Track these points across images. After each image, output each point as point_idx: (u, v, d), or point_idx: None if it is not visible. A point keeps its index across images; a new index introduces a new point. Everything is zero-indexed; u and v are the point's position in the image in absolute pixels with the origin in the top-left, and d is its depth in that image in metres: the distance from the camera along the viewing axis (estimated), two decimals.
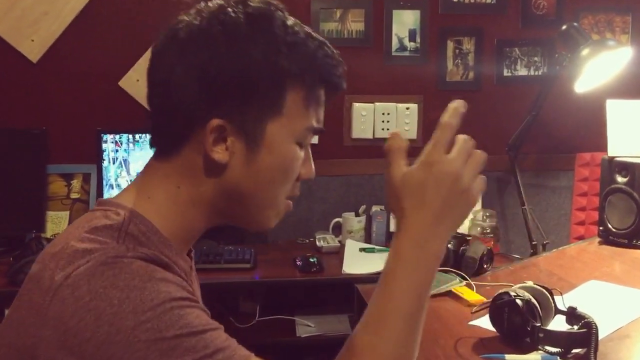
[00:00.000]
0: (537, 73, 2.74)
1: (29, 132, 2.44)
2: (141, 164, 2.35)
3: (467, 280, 1.59)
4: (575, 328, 1.19)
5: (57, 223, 2.47)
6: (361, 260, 2.32)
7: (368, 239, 2.56)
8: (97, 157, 2.41)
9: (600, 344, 1.15)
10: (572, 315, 1.20)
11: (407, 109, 2.68)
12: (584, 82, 2.20)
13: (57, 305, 0.72)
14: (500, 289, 1.27)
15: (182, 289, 0.76)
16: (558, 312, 1.25)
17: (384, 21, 2.64)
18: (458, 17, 2.69)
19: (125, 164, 2.42)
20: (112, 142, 2.41)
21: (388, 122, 2.67)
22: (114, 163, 2.41)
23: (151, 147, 0.89)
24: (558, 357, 1.15)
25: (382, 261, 2.64)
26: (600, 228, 1.89)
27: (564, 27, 2.23)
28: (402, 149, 0.83)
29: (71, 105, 2.52)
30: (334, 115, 2.62)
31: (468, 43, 2.70)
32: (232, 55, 0.81)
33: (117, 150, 2.41)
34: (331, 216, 2.61)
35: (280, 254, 2.42)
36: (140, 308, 0.71)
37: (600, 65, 2.14)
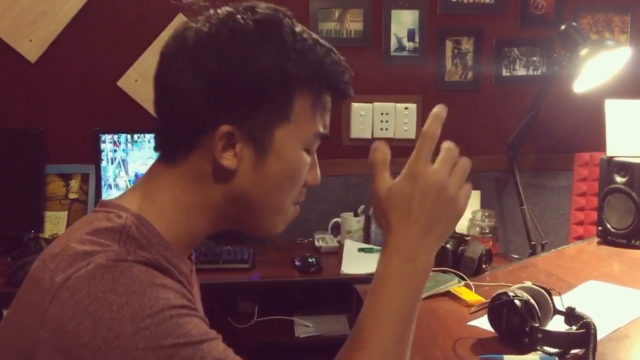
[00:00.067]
0: (535, 73, 2.74)
1: (27, 132, 2.44)
2: (140, 164, 2.39)
3: (465, 280, 1.59)
4: (573, 328, 1.18)
5: (56, 223, 2.47)
6: (360, 261, 2.32)
7: (367, 239, 2.55)
8: (95, 157, 2.41)
9: (599, 345, 1.15)
10: (571, 315, 1.20)
11: (406, 108, 2.68)
12: (582, 82, 2.20)
13: (56, 308, 0.72)
14: (499, 289, 1.27)
15: (181, 296, 0.76)
16: (557, 312, 1.25)
17: (382, 21, 2.64)
18: (457, 17, 2.69)
19: (123, 164, 2.41)
20: (111, 142, 2.40)
21: (387, 122, 2.67)
22: (112, 163, 2.41)
23: (156, 151, 0.89)
24: (556, 358, 1.15)
25: None
26: (599, 228, 1.89)
27: (562, 27, 2.23)
28: (386, 161, 0.84)
29: (69, 105, 2.52)
30: (333, 115, 2.59)
31: (467, 43, 2.70)
32: (242, 61, 0.81)
33: (115, 150, 2.41)
34: (330, 216, 2.61)
35: (279, 254, 2.42)
36: (139, 315, 0.70)
37: (599, 65, 2.14)
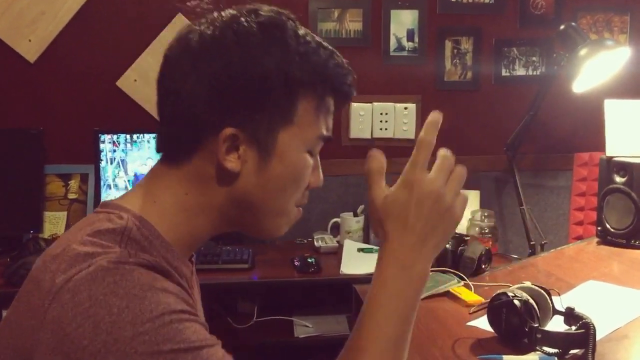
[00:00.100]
0: (535, 73, 2.73)
1: (26, 132, 2.44)
2: (139, 164, 2.39)
3: (465, 280, 1.59)
4: (573, 329, 1.18)
5: (55, 223, 2.47)
6: (359, 261, 2.32)
7: (366, 239, 2.55)
8: (94, 157, 2.41)
9: (598, 345, 1.15)
10: (570, 315, 1.20)
11: (406, 108, 2.68)
12: (582, 82, 2.20)
13: (56, 309, 0.72)
14: (498, 290, 1.27)
15: (182, 300, 0.76)
16: (556, 312, 1.25)
17: (382, 21, 2.64)
18: (456, 16, 2.69)
19: (122, 164, 2.41)
20: (110, 142, 2.40)
21: (386, 122, 2.67)
22: (111, 163, 2.41)
23: (158, 152, 0.89)
24: (556, 358, 1.15)
25: None
26: (599, 228, 1.89)
27: (562, 27, 2.23)
28: (382, 169, 0.84)
29: (69, 105, 2.52)
30: (333, 116, 2.60)
31: (466, 43, 2.70)
32: (245, 64, 0.81)
33: (114, 151, 2.41)
34: (329, 216, 2.60)
35: (278, 254, 2.41)
36: (139, 319, 0.70)
37: (599, 65, 2.14)
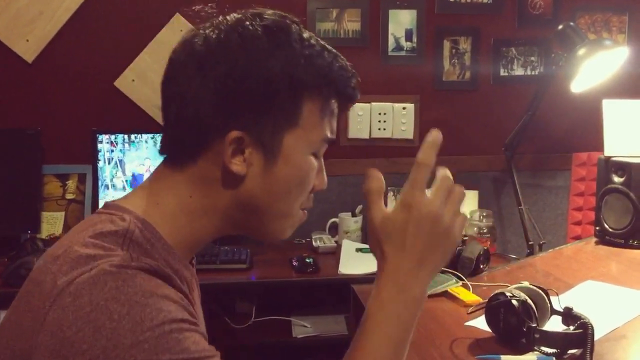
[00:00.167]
0: (533, 73, 2.73)
1: (24, 133, 2.43)
2: (137, 164, 2.38)
3: (463, 280, 1.59)
4: (571, 329, 1.18)
5: (53, 224, 2.47)
6: (357, 261, 2.32)
7: (365, 239, 2.55)
8: (92, 157, 2.40)
9: (597, 345, 1.15)
10: (568, 315, 1.20)
11: (404, 108, 2.67)
12: (580, 82, 2.19)
13: (56, 312, 0.72)
14: (497, 290, 1.27)
15: (182, 309, 0.76)
16: (554, 312, 1.24)
17: (380, 21, 2.64)
18: (454, 16, 2.68)
19: (120, 164, 2.41)
20: (108, 143, 2.40)
21: (384, 122, 2.67)
22: (109, 163, 2.41)
23: (161, 154, 0.88)
24: (554, 358, 1.15)
25: None
26: (597, 228, 1.89)
27: (560, 27, 2.22)
28: (381, 189, 0.84)
29: (66, 105, 2.51)
30: None
31: (464, 43, 2.70)
32: (251, 67, 0.81)
33: (112, 151, 2.40)
34: (328, 216, 2.60)
35: (277, 254, 2.41)
36: (139, 327, 0.70)
37: (597, 65, 2.14)
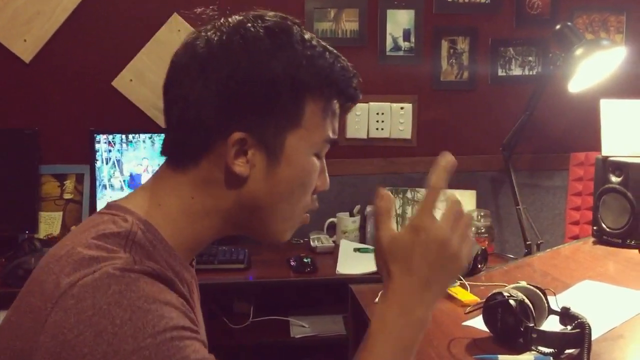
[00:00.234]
0: (531, 73, 2.74)
1: (21, 133, 2.43)
2: (135, 164, 2.38)
3: (461, 280, 1.59)
4: (568, 328, 1.19)
5: (50, 224, 2.46)
6: (355, 261, 2.32)
7: (362, 239, 2.55)
8: (90, 157, 2.40)
9: (594, 344, 1.15)
10: (566, 315, 1.20)
11: (402, 108, 2.67)
12: (578, 82, 2.20)
13: (58, 314, 0.71)
14: (494, 289, 1.27)
15: (184, 315, 0.76)
16: (551, 312, 1.25)
17: (378, 21, 2.63)
18: (452, 16, 2.68)
19: (118, 165, 2.41)
20: (105, 143, 2.39)
21: (382, 122, 2.67)
22: (107, 163, 2.40)
23: (163, 155, 0.88)
24: (551, 358, 1.15)
25: None
26: (594, 228, 1.90)
27: (557, 27, 2.23)
28: (390, 210, 0.84)
29: (64, 105, 2.51)
30: None
31: (462, 43, 2.70)
32: (253, 69, 0.81)
33: (110, 151, 2.40)
34: (325, 216, 2.60)
35: (274, 254, 2.41)
36: (141, 333, 0.70)
37: (594, 64, 2.14)
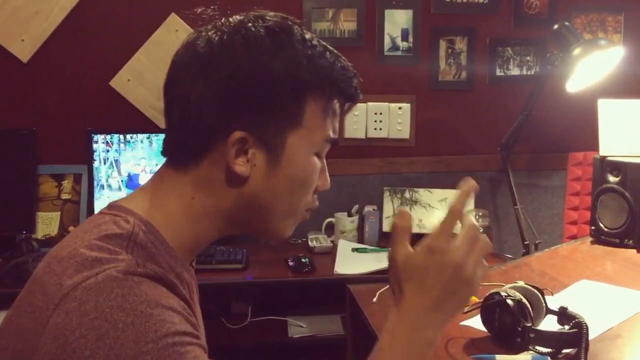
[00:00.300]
0: (529, 72, 2.74)
1: (19, 133, 2.43)
2: (132, 165, 2.38)
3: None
4: (566, 328, 1.18)
5: (48, 224, 2.46)
6: (354, 261, 2.32)
7: (361, 239, 2.55)
8: (87, 157, 2.40)
9: (592, 344, 1.15)
10: (563, 315, 1.20)
11: (400, 108, 2.67)
12: (575, 82, 2.20)
13: (60, 316, 0.71)
14: (492, 289, 1.27)
15: (186, 320, 0.76)
16: (549, 312, 1.25)
17: (376, 21, 2.63)
18: (450, 16, 2.68)
19: (116, 165, 2.40)
20: (103, 143, 2.39)
21: (381, 121, 2.67)
22: (105, 163, 2.40)
23: (163, 155, 0.88)
24: (549, 358, 1.15)
25: (375, 261, 2.62)
26: (592, 228, 1.90)
27: (555, 27, 2.22)
28: (408, 229, 0.84)
29: (62, 105, 2.51)
30: None
31: (460, 42, 2.70)
32: (254, 68, 0.81)
33: (108, 151, 2.40)
34: (324, 216, 2.59)
35: (272, 254, 2.40)
36: (142, 338, 0.70)
37: (592, 64, 2.14)
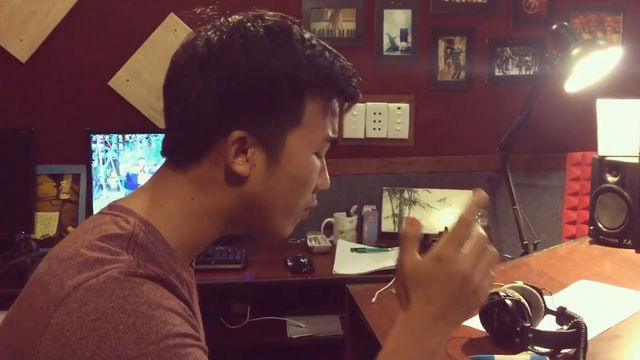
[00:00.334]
0: (528, 72, 2.74)
1: (17, 133, 2.42)
2: (131, 164, 2.39)
3: None
4: (564, 328, 1.19)
5: (47, 224, 2.46)
6: (352, 261, 2.32)
7: (359, 239, 2.55)
8: (86, 157, 2.40)
9: (590, 344, 1.15)
10: (562, 315, 1.20)
11: (399, 108, 2.67)
12: (574, 82, 2.19)
13: (61, 317, 0.71)
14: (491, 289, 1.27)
15: (186, 322, 0.76)
16: (548, 312, 1.25)
17: (375, 21, 2.63)
18: (449, 16, 2.68)
19: (115, 165, 2.40)
20: (102, 143, 2.39)
21: (379, 121, 2.67)
22: (103, 163, 2.40)
23: (163, 155, 0.88)
24: (547, 358, 1.15)
25: (374, 261, 2.61)
26: (591, 227, 1.90)
27: (554, 27, 2.22)
28: (417, 237, 0.84)
29: (60, 105, 2.51)
30: None
31: (459, 42, 2.70)
32: (253, 68, 0.82)
33: (106, 151, 2.40)
34: (322, 216, 2.60)
35: (271, 254, 2.40)
36: (143, 339, 0.70)
37: (591, 64, 2.14)
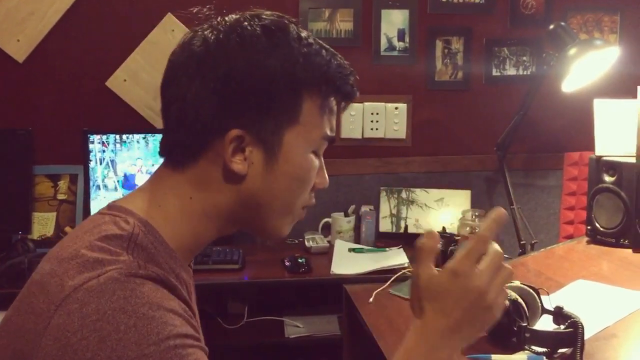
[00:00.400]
0: (525, 72, 2.74)
1: (14, 133, 2.42)
2: (128, 165, 2.38)
3: None
4: (561, 328, 1.19)
5: (44, 224, 2.45)
6: (350, 261, 2.32)
7: (357, 239, 2.55)
8: (84, 157, 2.39)
9: (587, 344, 1.15)
10: (559, 314, 1.20)
11: (396, 108, 2.68)
12: (571, 82, 2.20)
13: (62, 317, 0.71)
14: None
15: (187, 323, 0.76)
16: (545, 311, 1.25)
17: (372, 21, 2.64)
18: (447, 16, 2.69)
19: (112, 165, 2.40)
20: (99, 143, 2.39)
21: (377, 121, 2.67)
22: (101, 164, 2.40)
23: (161, 155, 0.88)
24: (544, 357, 1.15)
25: (371, 261, 2.61)
26: (588, 227, 1.90)
27: (551, 27, 2.23)
28: (434, 250, 0.84)
29: (57, 105, 2.50)
30: None
31: (457, 43, 2.70)
32: (250, 67, 0.82)
33: (104, 151, 2.39)
34: (320, 216, 2.60)
35: (269, 254, 2.41)
36: (144, 340, 0.70)
37: (588, 64, 2.14)
